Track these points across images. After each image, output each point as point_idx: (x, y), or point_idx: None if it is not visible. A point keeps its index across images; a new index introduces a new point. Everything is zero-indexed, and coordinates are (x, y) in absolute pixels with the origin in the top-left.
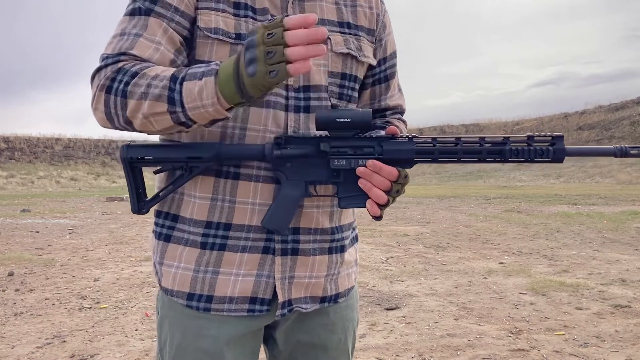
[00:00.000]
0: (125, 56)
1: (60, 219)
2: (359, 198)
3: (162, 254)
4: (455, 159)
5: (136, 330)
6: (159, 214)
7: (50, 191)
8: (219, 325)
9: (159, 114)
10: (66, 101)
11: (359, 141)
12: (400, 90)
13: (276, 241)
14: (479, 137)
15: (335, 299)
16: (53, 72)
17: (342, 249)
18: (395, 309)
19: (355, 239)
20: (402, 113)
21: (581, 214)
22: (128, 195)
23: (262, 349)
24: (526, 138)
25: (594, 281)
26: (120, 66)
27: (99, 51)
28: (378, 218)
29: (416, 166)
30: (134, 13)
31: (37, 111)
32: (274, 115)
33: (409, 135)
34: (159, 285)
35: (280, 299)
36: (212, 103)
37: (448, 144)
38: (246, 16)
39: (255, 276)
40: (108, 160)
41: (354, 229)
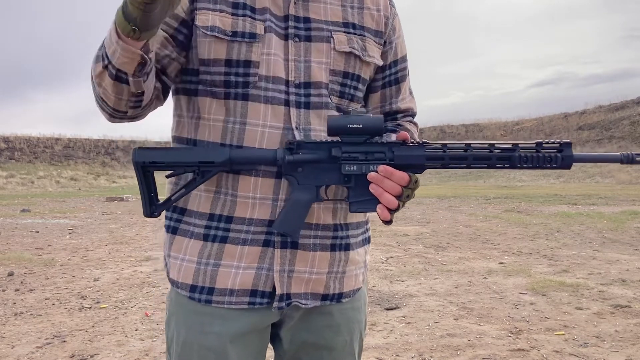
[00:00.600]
0: None
1: (60, 219)
2: (369, 203)
3: (170, 246)
4: (464, 165)
5: (136, 330)
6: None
7: (50, 191)
8: (223, 321)
9: (102, 75)
10: (66, 101)
11: (370, 147)
12: (411, 93)
13: (276, 234)
14: (489, 144)
15: (339, 298)
16: (53, 72)
17: (347, 247)
18: (395, 308)
19: (367, 240)
20: (414, 116)
21: (581, 214)
22: (128, 195)
23: (268, 351)
24: (535, 145)
25: (594, 281)
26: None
27: None
28: (388, 222)
29: None
30: None
31: (37, 111)
32: (274, 110)
33: (419, 141)
34: (167, 277)
35: (278, 291)
36: (116, 40)
37: (458, 149)
38: (244, 15)
39: (256, 269)
40: (108, 160)
41: (366, 230)
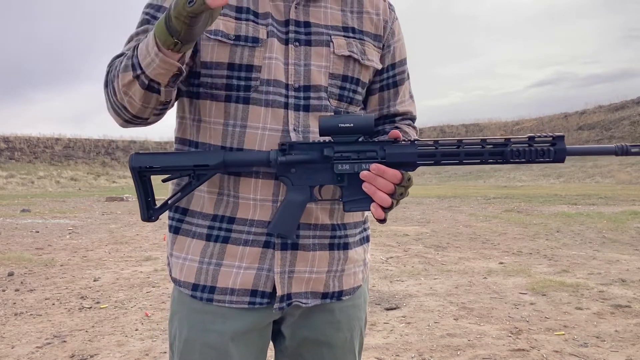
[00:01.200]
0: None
1: (60, 219)
2: (363, 202)
3: (172, 245)
4: (457, 161)
5: (136, 330)
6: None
7: (50, 191)
8: (224, 320)
9: (130, 84)
10: (66, 101)
11: (362, 145)
12: (411, 97)
13: (276, 236)
14: (481, 139)
15: (339, 296)
16: (53, 72)
17: (346, 246)
18: (395, 309)
19: (366, 239)
20: (413, 120)
21: (581, 214)
22: (128, 195)
23: (269, 349)
24: (527, 139)
25: (594, 281)
26: (110, 62)
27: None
28: (382, 221)
29: None
30: (142, 23)
31: (37, 111)
32: (273, 113)
33: (411, 139)
34: (170, 276)
35: (278, 292)
36: (155, 52)
37: (450, 146)
38: (247, 19)
39: (257, 269)
40: (108, 160)
41: (364, 229)
